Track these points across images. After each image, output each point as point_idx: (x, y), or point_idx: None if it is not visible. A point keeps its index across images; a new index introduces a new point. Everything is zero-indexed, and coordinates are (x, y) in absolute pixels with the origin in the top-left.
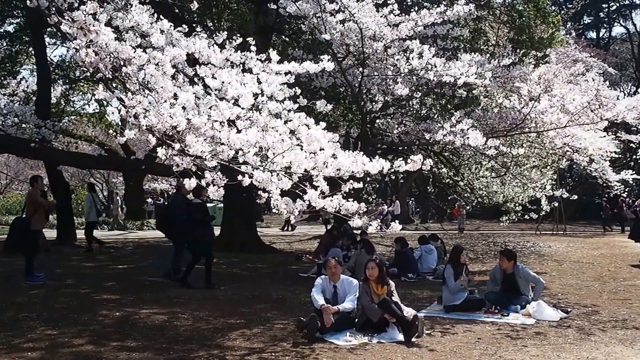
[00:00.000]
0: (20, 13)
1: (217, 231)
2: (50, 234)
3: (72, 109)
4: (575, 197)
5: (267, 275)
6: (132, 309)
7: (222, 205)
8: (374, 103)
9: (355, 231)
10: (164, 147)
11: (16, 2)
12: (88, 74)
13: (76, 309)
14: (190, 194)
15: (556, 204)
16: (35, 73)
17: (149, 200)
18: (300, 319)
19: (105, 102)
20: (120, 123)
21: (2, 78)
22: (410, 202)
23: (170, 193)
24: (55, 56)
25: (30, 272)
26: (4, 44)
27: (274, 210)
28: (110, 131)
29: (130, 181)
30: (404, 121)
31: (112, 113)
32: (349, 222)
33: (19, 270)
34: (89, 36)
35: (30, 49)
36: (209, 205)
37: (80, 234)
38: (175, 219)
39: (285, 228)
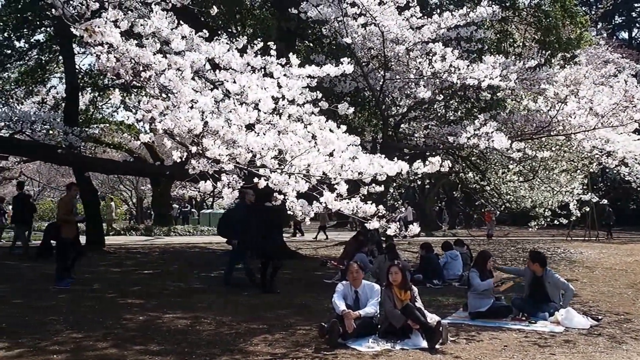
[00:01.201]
0: (49, 22)
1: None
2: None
3: (100, 116)
4: (606, 201)
5: (291, 281)
6: (156, 313)
7: None
8: (397, 107)
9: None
10: (179, 150)
11: (46, 12)
12: (116, 81)
13: (101, 313)
14: (253, 200)
15: (587, 209)
16: (64, 81)
17: (175, 206)
18: (322, 325)
19: (134, 110)
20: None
21: (33, 86)
22: (437, 207)
23: (197, 199)
24: (84, 64)
25: (59, 278)
26: (35, 53)
27: (288, 212)
28: (127, 135)
29: (158, 187)
30: (428, 125)
31: (128, 118)
32: (369, 226)
33: (46, 275)
34: (94, 37)
35: (60, 57)
36: None
37: (108, 240)
38: (238, 224)
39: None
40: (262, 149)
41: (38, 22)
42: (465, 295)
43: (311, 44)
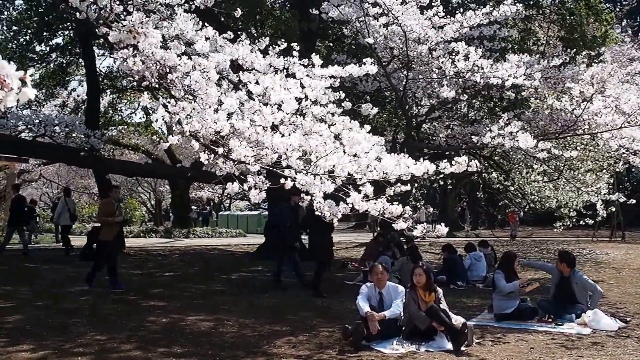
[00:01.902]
0: (70, 25)
1: (261, 239)
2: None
3: (119, 118)
4: (634, 201)
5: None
6: (179, 315)
7: (267, 213)
8: (419, 107)
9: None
10: (206, 152)
11: (67, 15)
12: (134, 83)
13: (124, 315)
14: (299, 202)
15: (613, 209)
16: (83, 83)
17: (194, 208)
18: (346, 327)
19: (151, 111)
20: (166, 131)
21: (53, 88)
22: (459, 208)
23: (214, 201)
24: (103, 67)
25: (89, 278)
26: (55, 56)
27: (317, 213)
28: (154, 137)
29: (177, 189)
30: (450, 125)
31: (156, 120)
32: (394, 228)
33: (67, 277)
34: (138, 38)
35: (80, 60)
36: (254, 213)
37: (128, 242)
38: (287, 226)
39: None
40: (288, 149)
41: (59, 25)
42: (489, 297)
43: (331, 44)
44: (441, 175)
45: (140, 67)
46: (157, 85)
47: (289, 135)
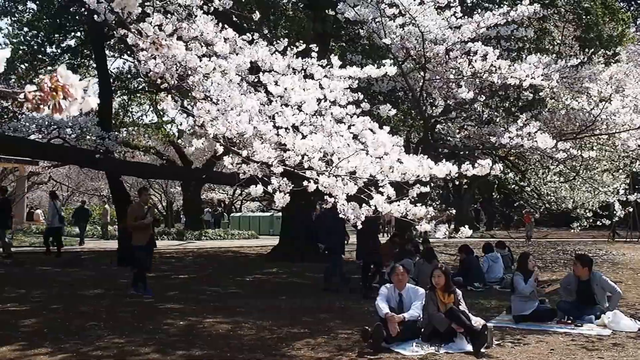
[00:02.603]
0: (81, 27)
1: (275, 241)
2: (112, 244)
3: (130, 120)
4: None
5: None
6: (196, 318)
7: (280, 215)
8: (433, 107)
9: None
10: (230, 155)
11: (80, 17)
12: (145, 85)
13: (141, 318)
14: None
15: (630, 210)
16: (95, 85)
17: (207, 210)
18: (366, 329)
19: (162, 113)
20: (177, 133)
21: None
22: (474, 209)
23: (225, 203)
24: (113, 69)
25: (135, 285)
26: (66, 58)
27: (340, 216)
28: (166, 138)
29: (188, 191)
30: (465, 125)
31: (181, 123)
32: (420, 228)
33: (80, 280)
34: (161, 50)
35: (91, 62)
36: (266, 215)
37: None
38: (336, 231)
39: None
40: (309, 151)
41: (71, 27)
42: (507, 299)
43: (345, 45)
44: (456, 176)
45: (161, 69)
46: (175, 87)
47: (311, 136)
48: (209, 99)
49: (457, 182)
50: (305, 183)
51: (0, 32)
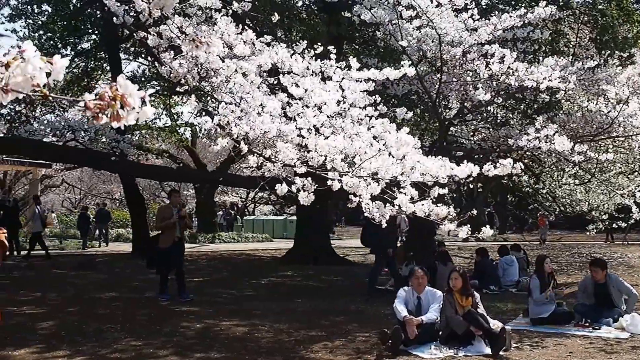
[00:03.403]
0: (96, 30)
1: (290, 244)
2: (126, 247)
3: (144, 123)
4: None
5: (343, 288)
6: (212, 320)
7: (294, 217)
8: (447, 110)
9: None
10: (256, 154)
11: (95, 20)
12: (160, 88)
13: (157, 321)
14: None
15: None
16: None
17: (220, 213)
18: (384, 331)
19: (177, 116)
20: (190, 137)
21: (79, 94)
22: (487, 211)
23: (238, 206)
24: (128, 72)
25: (161, 289)
26: (80, 61)
27: (371, 216)
28: (183, 143)
29: (201, 194)
30: (478, 128)
31: (206, 122)
32: (444, 228)
33: (94, 283)
34: (201, 48)
35: (105, 64)
36: (279, 218)
37: None
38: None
39: None
40: (331, 152)
41: (87, 30)
42: (523, 301)
43: (358, 47)
44: (470, 179)
45: (182, 71)
46: (195, 89)
47: (334, 137)
48: (233, 99)
49: (470, 186)
50: (329, 182)
51: (15, 35)
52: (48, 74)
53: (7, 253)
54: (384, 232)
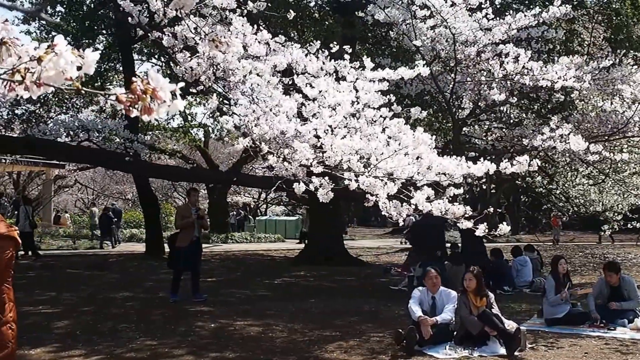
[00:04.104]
0: (109, 31)
1: (301, 245)
2: (139, 247)
3: (157, 123)
4: None
5: (356, 288)
6: (227, 320)
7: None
8: (460, 110)
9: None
10: (274, 155)
11: (108, 20)
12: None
13: (172, 320)
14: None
15: None
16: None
17: (233, 213)
18: (399, 331)
19: (191, 117)
20: (203, 137)
21: (92, 95)
22: (499, 212)
23: (250, 206)
24: (141, 72)
25: (172, 289)
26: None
27: (388, 214)
28: (196, 143)
29: (214, 194)
30: (491, 127)
31: (227, 122)
32: (461, 226)
33: (109, 283)
34: (221, 48)
35: (118, 65)
36: (292, 219)
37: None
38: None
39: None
40: (346, 152)
41: (101, 30)
42: (537, 302)
43: (371, 47)
44: (483, 180)
45: (198, 71)
46: (209, 89)
47: (351, 137)
48: (251, 99)
49: (484, 187)
50: (346, 182)
51: (29, 36)
52: (79, 68)
53: (22, 253)
54: (431, 234)
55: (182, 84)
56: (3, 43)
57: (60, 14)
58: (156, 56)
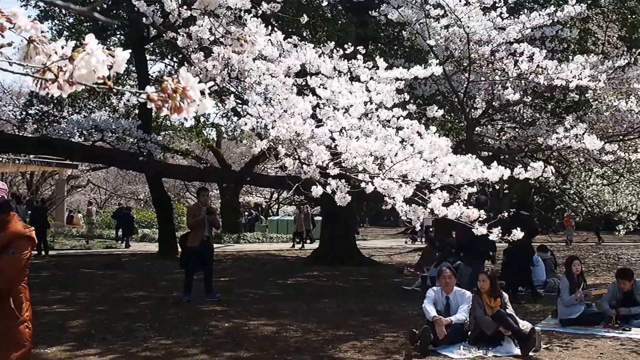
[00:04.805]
0: (122, 31)
1: (313, 245)
2: (152, 247)
3: (170, 124)
4: None
5: (369, 288)
6: (240, 320)
7: (318, 218)
8: (473, 109)
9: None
10: (291, 157)
11: (121, 20)
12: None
13: (186, 320)
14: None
15: None
16: (135, 89)
17: (246, 213)
18: (413, 331)
19: (202, 117)
20: (216, 137)
21: (107, 97)
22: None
23: (263, 206)
24: (153, 72)
25: (185, 289)
26: None
27: (407, 219)
28: (208, 143)
29: (226, 194)
30: (504, 127)
31: (245, 124)
32: (476, 232)
33: (122, 283)
34: (245, 46)
35: (131, 65)
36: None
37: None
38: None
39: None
40: (360, 154)
41: (115, 30)
42: (551, 302)
43: (384, 47)
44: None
45: (215, 72)
46: (223, 90)
47: (366, 139)
48: (266, 101)
49: (496, 187)
50: (362, 185)
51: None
52: (109, 67)
53: (35, 252)
54: (482, 237)
55: (211, 84)
56: (31, 41)
57: (73, 14)
58: (169, 56)
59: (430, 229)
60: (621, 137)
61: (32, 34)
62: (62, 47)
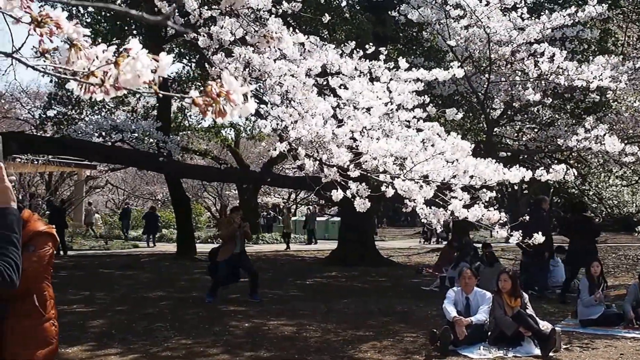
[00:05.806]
0: (139, 32)
1: (334, 245)
2: (170, 247)
3: (188, 124)
4: None
5: (388, 289)
6: (260, 320)
7: (337, 219)
8: (493, 110)
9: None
10: (311, 159)
11: (140, 22)
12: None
13: (206, 320)
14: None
15: None
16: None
17: (264, 213)
18: (433, 331)
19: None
20: (234, 137)
21: (124, 95)
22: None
23: (280, 207)
24: (171, 73)
25: (210, 292)
26: None
27: (427, 221)
28: (227, 144)
29: (245, 195)
30: (523, 128)
31: (265, 126)
32: (495, 235)
33: (142, 283)
34: (272, 43)
35: None
36: (321, 219)
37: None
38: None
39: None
40: (381, 155)
41: (133, 30)
42: (571, 303)
43: (402, 47)
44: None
45: (239, 72)
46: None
47: (386, 140)
48: (287, 102)
49: (515, 187)
50: (383, 188)
51: (58, 37)
52: (153, 71)
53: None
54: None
55: (254, 86)
56: (73, 45)
57: (91, 14)
58: (187, 57)
59: (440, 229)
60: None
61: (73, 38)
62: (103, 52)
